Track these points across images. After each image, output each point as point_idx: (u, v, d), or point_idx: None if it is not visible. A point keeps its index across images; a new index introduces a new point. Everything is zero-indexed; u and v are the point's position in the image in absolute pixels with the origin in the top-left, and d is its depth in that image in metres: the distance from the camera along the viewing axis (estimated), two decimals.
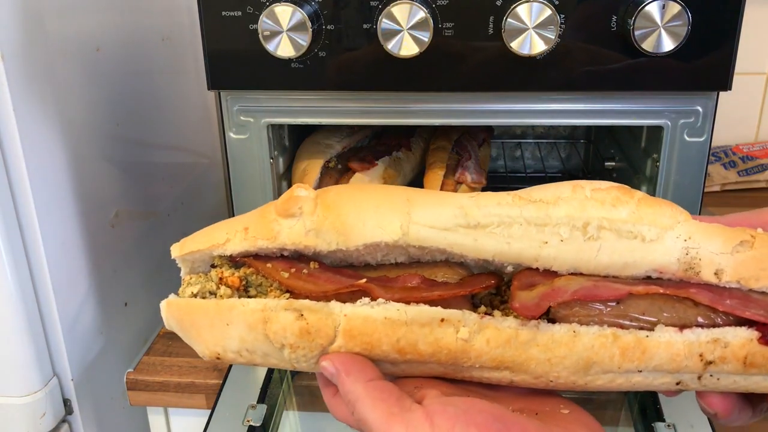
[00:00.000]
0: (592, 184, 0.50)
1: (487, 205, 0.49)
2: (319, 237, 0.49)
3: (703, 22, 0.70)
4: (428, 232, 0.49)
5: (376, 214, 0.49)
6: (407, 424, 0.43)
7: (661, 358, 0.46)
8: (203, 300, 0.50)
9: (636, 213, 0.48)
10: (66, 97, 0.86)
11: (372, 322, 0.47)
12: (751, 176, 1.36)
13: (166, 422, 0.96)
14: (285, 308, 0.47)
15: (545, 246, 0.48)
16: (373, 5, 0.72)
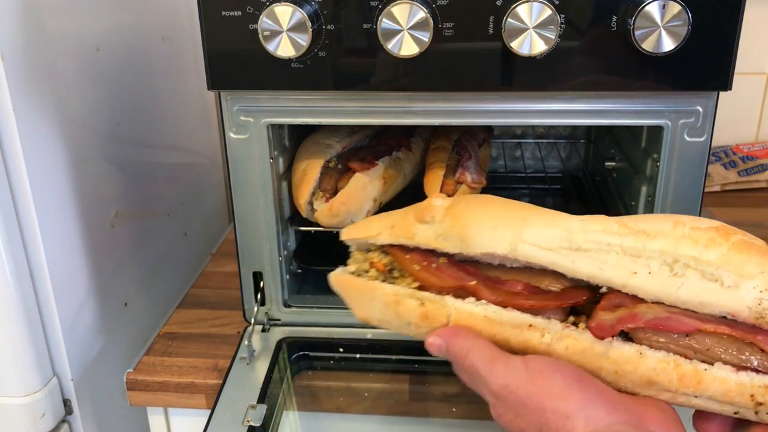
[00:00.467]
0: (693, 222, 0.55)
1: (593, 231, 0.56)
2: (446, 241, 0.60)
3: (703, 22, 0.70)
4: (533, 251, 0.56)
5: (493, 230, 0.58)
6: (506, 364, 0.54)
7: (714, 390, 0.51)
8: (357, 278, 0.64)
9: (725, 257, 0.52)
10: (66, 97, 0.86)
11: (475, 317, 0.58)
12: (752, 176, 1.36)
13: (166, 422, 0.96)
14: (410, 296, 0.60)
15: (633, 276, 0.54)
16: (373, 5, 0.72)
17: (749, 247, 0.52)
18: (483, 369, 0.55)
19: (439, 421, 0.87)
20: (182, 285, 1.15)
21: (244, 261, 0.90)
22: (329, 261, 1.02)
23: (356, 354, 0.90)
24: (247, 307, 0.93)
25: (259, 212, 0.87)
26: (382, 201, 0.97)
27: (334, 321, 0.93)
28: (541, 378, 0.52)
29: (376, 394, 0.87)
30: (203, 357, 0.92)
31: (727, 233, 0.53)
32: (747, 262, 0.51)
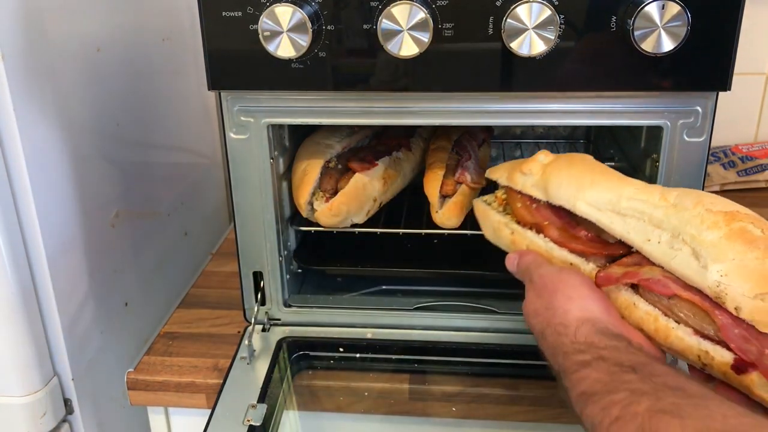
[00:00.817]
0: (711, 204, 0.62)
1: (637, 199, 0.67)
2: (537, 190, 0.75)
3: (703, 22, 0.70)
4: (586, 208, 0.70)
5: (567, 186, 0.72)
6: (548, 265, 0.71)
7: (676, 346, 0.61)
8: (485, 206, 0.84)
9: (717, 240, 0.59)
10: (66, 97, 0.86)
11: (540, 248, 0.75)
12: (751, 176, 1.36)
13: (167, 422, 0.96)
14: (506, 225, 0.79)
15: (647, 242, 0.65)
16: (373, 6, 0.72)
17: (742, 235, 0.58)
18: (533, 267, 0.71)
19: (439, 420, 0.87)
20: (182, 285, 1.15)
21: (244, 261, 0.90)
22: (329, 261, 1.03)
23: (356, 354, 0.90)
24: (248, 307, 0.93)
25: (259, 212, 0.87)
26: (382, 201, 0.98)
27: (334, 321, 0.93)
28: (566, 274, 0.68)
29: (376, 394, 0.87)
30: (203, 357, 0.92)
31: (732, 219, 0.59)
32: (729, 248, 0.58)
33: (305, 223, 0.97)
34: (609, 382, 0.53)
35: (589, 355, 0.58)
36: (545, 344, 0.65)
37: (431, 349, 0.90)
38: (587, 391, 0.55)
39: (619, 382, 0.53)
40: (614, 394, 0.52)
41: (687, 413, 0.46)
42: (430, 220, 0.94)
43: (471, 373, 0.87)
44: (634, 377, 0.53)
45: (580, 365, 0.58)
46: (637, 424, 0.47)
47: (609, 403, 0.51)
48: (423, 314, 0.93)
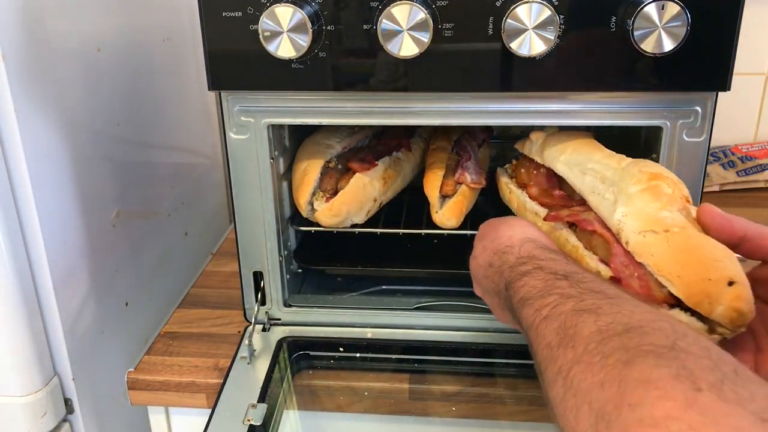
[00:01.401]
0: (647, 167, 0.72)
1: (600, 162, 0.78)
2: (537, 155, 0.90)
3: (703, 22, 0.70)
4: (562, 167, 0.83)
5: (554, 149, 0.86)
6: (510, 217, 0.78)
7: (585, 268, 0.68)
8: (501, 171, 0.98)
9: (635, 192, 0.70)
10: (67, 97, 0.86)
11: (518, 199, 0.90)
12: (750, 176, 1.36)
13: (167, 421, 0.96)
14: (506, 185, 0.93)
15: (591, 194, 0.76)
16: (373, 6, 0.73)
17: (654, 190, 0.69)
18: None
19: (439, 420, 0.87)
20: (183, 284, 1.15)
21: (244, 261, 0.91)
22: (329, 261, 1.03)
23: (356, 353, 0.91)
24: (248, 307, 0.93)
25: (259, 212, 0.87)
26: (382, 201, 0.98)
27: (334, 321, 0.94)
28: (512, 218, 0.77)
29: (376, 394, 0.87)
30: (204, 356, 0.92)
31: (653, 178, 0.70)
32: (639, 198, 0.69)
33: (305, 223, 0.97)
34: (543, 288, 0.59)
35: (530, 266, 0.64)
36: (491, 274, 0.70)
37: (431, 349, 0.90)
38: (525, 296, 0.60)
39: (552, 287, 0.58)
40: (546, 298, 0.57)
41: (602, 311, 0.51)
42: (430, 220, 0.94)
43: (471, 373, 0.87)
44: (565, 283, 0.58)
45: (521, 274, 0.64)
46: (560, 321, 0.53)
47: (541, 305, 0.57)
48: (423, 314, 0.93)
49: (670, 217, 0.65)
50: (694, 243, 0.62)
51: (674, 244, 0.63)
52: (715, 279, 0.59)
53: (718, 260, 0.60)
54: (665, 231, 0.64)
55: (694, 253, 0.61)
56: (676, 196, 0.68)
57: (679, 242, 0.63)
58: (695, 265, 0.61)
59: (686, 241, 0.63)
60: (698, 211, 0.65)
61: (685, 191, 0.69)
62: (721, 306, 0.58)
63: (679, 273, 0.61)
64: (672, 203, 0.66)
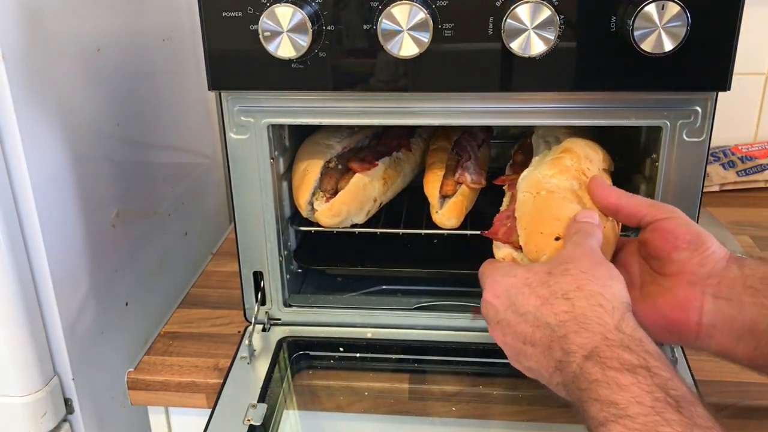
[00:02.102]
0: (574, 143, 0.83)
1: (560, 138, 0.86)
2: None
3: (702, 22, 0.70)
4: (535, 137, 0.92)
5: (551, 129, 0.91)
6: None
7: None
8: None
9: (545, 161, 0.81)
10: (67, 97, 0.86)
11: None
12: (750, 176, 1.36)
13: (167, 421, 0.96)
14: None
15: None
16: (373, 6, 0.73)
17: (558, 162, 0.78)
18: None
19: (439, 420, 0.87)
20: (183, 284, 1.15)
21: (244, 261, 0.91)
22: (329, 261, 1.03)
23: (356, 353, 0.91)
24: (248, 307, 0.93)
25: (259, 212, 0.87)
26: (382, 201, 0.98)
27: (334, 321, 0.94)
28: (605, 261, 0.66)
29: (376, 394, 0.87)
30: (204, 356, 0.92)
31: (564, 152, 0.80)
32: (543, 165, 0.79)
33: (305, 223, 0.97)
34: (649, 414, 0.48)
35: (636, 358, 0.52)
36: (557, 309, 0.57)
37: (431, 349, 0.90)
38: (621, 404, 0.49)
39: (662, 420, 0.47)
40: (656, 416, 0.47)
41: None
42: (430, 220, 0.94)
43: (471, 373, 0.87)
44: (676, 419, 0.47)
45: (623, 366, 0.51)
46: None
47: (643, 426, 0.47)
48: (423, 314, 0.93)
49: (553, 183, 0.75)
50: (547, 204, 0.73)
51: (535, 204, 0.74)
52: (546, 233, 0.71)
53: (558, 220, 0.71)
54: (537, 193, 0.75)
55: (544, 212, 0.73)
56: (573, 167, 0.77)
57: (538, 202, 0.74)
58: (538, 221, 0.72)
59: (544, 202, 0.74)
60: (588, 181, 0.74)
61: (585, 165, 0.78)
62: (544, 256, 0.70)
63: (525, 225, 0.73)
64: (564, 173, 0.76)
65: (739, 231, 1.19)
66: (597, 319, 0.55)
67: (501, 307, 0.63)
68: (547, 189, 0.75)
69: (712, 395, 0.82)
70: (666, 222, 0.67)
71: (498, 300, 0.63)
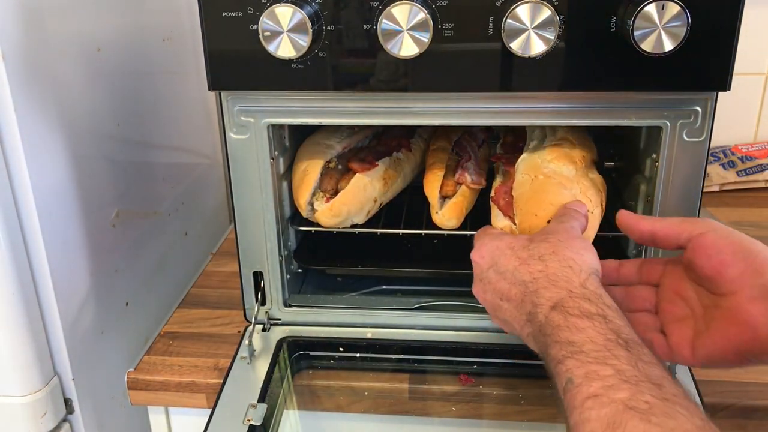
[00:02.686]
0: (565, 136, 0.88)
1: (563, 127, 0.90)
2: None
3: (703, 22, 0.70)
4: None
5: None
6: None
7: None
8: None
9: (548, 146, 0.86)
10: (67, 97, 0.86)
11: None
12: (750, 176, 1.36)
13: (167, 421, 0.96)
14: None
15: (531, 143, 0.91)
16: (373, 6, 0.73)
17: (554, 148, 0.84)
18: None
19: (439, 420, 0.87)
20: (183, 284, 1.15)
21: (244, 261, 0.91)
22: (329, 261, 1.03)
23: (356, 353, 0.91)
24: (248, 307, 0.93)
25: (259, 212, 0.87)
26: (382, 201, 0.98)
27: (334, 321, 0.94)
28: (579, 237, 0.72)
29: (376, 394, 0.87)
30: (204, 356, 0.92)
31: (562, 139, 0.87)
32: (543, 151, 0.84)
33: (305, 223, 0.97)
34: (601, 349, 0.55)
35: (595, 307, 0.59)
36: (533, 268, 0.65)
37: (431, 349, 0.90)
38: (577, 343, 0.56)
39: (611, 355, 0.54)
40: (601, 367, 0.53)
41: (656, 419, 0.47)
42: (430, 221, 0.94)
43: (471, 373, 0.87)
44: (624, 354, 0.54)
45: (582, 313, 0.58)
46: (610, 411, 0.49)
47: (593, 374, 0.52)
48: (423, 314, 0.93)
49: (551, 168, 0.81)
50: (544, 188, 0.79)
51: (533, 186, 0.80)
52: (540, 216, 0.78)
53: (552, 204, 0.77)
54: (535, 176, 0.81)
55: (540, 195, 0.79)
56: (570, 154, 0.83)
57: (536, 185, 0.80)
58: (533, 204, 0.78)
59: (541, 186, 0.80)
60: (617, 216, 0.73)
61: (580, 153, 0.84)
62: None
63: (521, 206, 0.80)
64: (562, 159, 0.82)
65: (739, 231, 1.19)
66: (565, 278, 0.63)
67: (485, 266, 0.70)
68: (544, 174, 0.81)
69: (712, 395, 0.82)
70: (704, 238, 0.65)
71: (483, 260, 0.71)
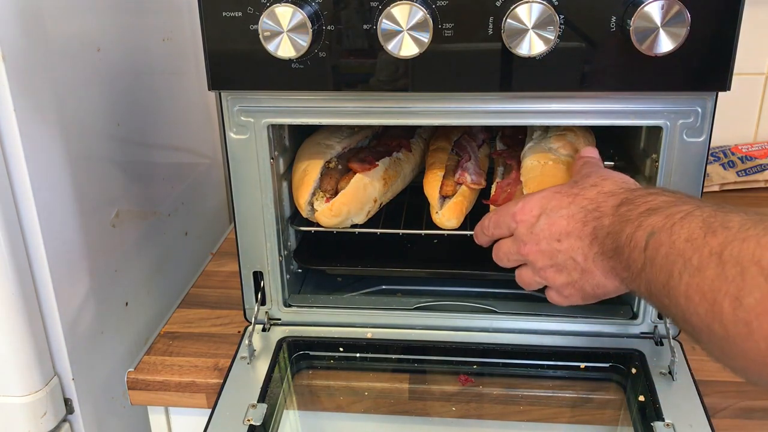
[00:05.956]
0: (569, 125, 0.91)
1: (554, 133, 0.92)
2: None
3: (703, 22, 0.70)
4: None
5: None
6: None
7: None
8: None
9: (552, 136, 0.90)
10: (67, 97, 0.86)
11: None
12: (750, 176, 1.36)
13: (167, 421, 0.96)
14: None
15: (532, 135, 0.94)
16: (373, 6, 0.73)
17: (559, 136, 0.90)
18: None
19: (439, 420, 0.87)
20: (183, 284, 1.15)
21: (244, 261, 0.91)
22: (329, 261, 1.03)
23: (356, 353, 0.91)
24: (248, 307, 0.93)
25: (259, 212, 0.87)
26: (382, 201, 0.98)
27: (334, 321, 0.94)
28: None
29: (376, 394, 0.87)
30: (204, 356, 0.92)
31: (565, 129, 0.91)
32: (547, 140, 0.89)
33: (305, 223, 0.97)
34: (674, 204, 0.59)
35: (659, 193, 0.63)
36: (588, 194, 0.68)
37: (431, 349, 0.90)
38: (651, 208, 0.60)
39: (684, 200, 0.59)
40: (679, 206, 0.58)
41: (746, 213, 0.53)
42: (430, 221, 0.94)
43: (471, 373, 0.87)
44: (697, 201, 0.59)
45: (650, 194, 0.63)
46: (702, 219, 0.54)
47: (674, 212, 0.57)
48: (423, 314, 0.93)
49: (558, 155, 0.86)
50: (554, 173, 0.84)
51: (543, 171, 0.85)
52: None
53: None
54: (545, 162, 0.86)
55: (551, 178, 0.83)
56: (575, 143, 0.88)
57: (546, 170, 0.85)
58: (548, 185, 0.78)
59: (551, 170, 0.84)
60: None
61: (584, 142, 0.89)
62: None
63: (533, 189, 0.82)
64: (567, 147, 0.87)
65: None
66: (622, 190, 0.67)
67: (533, 217, 0.71)
68: (553, 159, 0.86)
69: (712, 395, 0.82)
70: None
71: (531, 213, 0.71)
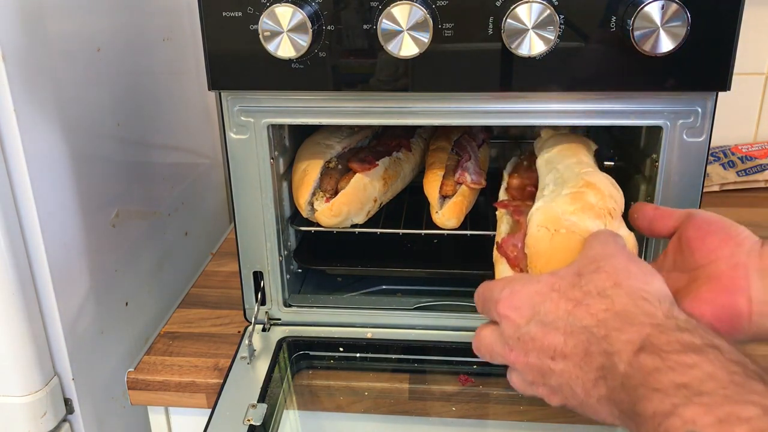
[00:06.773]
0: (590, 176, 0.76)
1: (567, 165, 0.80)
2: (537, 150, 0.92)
3: (703, 22, 0.70)
4: (541, 161, 0.86)
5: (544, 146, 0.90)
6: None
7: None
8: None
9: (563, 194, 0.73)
10: (67, 97, 0.86)
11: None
12: (750, 176, 1.36)
13: (167, 421, 0.96)
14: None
15: (543, 189, 0.79)
16: (373, 6, 0.73)
17: (579, 197, 0.71)
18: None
19: (439, 420, 0.87)
20: (183, 284, 1.15)
21: (244, 260, 0.91)
22: (329, 261, 1.03)
23: (356, 353, 0.91)
24: (248, 307, 0.93)
25: (259, 212, 0.87)
26: (382, 201, 0.98)
27: (334, 321, 0.94)
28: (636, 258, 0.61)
29: (376, 394, 0.87)
30: (204, 356, 0.92)
31: (586, 186, 0.72)
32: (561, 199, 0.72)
33: (305, 223, 0.97)
34: (729, 386, 0.42)
35: (699, 339, 0.46)
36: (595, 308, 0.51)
37: (431, 349, 0.90)
38: (692, 385, 0.42)
39: (745, 390, 0.41)
40: (738, 406, 0.40)
41: None
42: (430, 221, 0.95)
43: (471, 373, 0.87)
44: (763, 389, 0.42)
45: (685, 347, 0.45)
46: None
47: (731, 417, 0.40)
48: (423, 314, 0.93)
49: (573, 221, 0.68)
50: (567, 245, 0.67)
51: (553, 243, 0.68)
52: None
53: None
54: (555, 230, 0.69)
55: (563, 253, 0.67)
56: (597, 206, 0.70)
57: (557, 242, 0.68)
58: (556, 263, 0.65)
59: (563, 242, 0.67)
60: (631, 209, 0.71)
61: (610, 204, 0.71)
62: None
63: (540, 267, 0.68)
64: (587, 210, 0.69)
65: None
66: (642, 312, 0.50)
67: (522, 320, 0.55)
68: (567, 227, 0.68)
69: None
70: (696, 213, 0.66)
71: (518, 312, 0.56)
